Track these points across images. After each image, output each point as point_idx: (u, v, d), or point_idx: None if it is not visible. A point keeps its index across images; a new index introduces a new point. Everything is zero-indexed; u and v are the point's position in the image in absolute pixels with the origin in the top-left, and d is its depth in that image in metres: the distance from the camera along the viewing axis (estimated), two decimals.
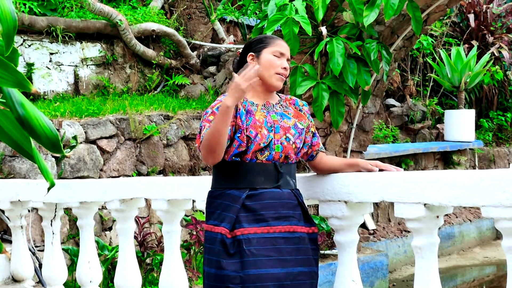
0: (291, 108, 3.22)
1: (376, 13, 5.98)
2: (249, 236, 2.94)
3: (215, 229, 3.00)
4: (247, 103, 3.08)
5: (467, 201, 2.66)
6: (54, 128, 2.14)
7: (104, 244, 6.12)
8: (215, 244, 2.97)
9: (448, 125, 11.81)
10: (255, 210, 2.97)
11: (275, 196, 3.02)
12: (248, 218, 2.96)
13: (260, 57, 3.13)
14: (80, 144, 6.74)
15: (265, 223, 2.97)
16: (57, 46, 8.60)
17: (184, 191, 3.94)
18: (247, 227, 2.95)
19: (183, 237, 6.89)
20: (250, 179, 3.00)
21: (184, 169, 7.73)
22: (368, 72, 6.48)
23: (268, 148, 3.02)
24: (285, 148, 3.06)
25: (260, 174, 3.01)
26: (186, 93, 9.36)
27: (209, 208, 3.10)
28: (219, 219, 2.99)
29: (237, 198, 2.98)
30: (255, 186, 3.00)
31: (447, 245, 10.52)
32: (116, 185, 4.36)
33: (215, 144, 2.88)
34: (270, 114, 3.10)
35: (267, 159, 3.02)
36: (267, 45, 3.15)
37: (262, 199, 2.99)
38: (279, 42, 3.18)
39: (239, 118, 3.01)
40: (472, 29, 13.30)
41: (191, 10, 10.59)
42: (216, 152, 2.91)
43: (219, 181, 3.09)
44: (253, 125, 3.01)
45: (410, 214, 2.88)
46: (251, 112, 3.06)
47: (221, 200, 3.03)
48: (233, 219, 2.95)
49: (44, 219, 4.84)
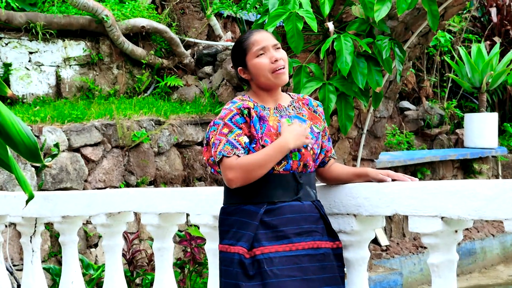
0: (305, 109, 3.20)
1: (389, 7, 5.99)
2: (269, 255, 2.90)
3: (231, 249, 2.96)
4: (259, 108, 3.06)
5: (488, 214, 2.66)
6: (32, 135, 2.14)
7: (89, 263, 6.12)
8: (232, 265, 2.93)
9: (469, 130, 11.82)
10: (275, 226, 2.94)
11: (296, 210, 2.99)
12: (268, 235, 2.93)
13: (248, 68, 3.11)
14: (63, 153, 6.74)
15: (287, 240, 2.94)
16: (37, 44, 8.62)
17: (177, 203, 3.94)
18: (267, 246, 2.91)
19: (176, 254, 6.89)
20: (267, 193, 2.98)
21: (177, 180, 7.74)
22: (380, 72, 6.49)
23: (285, 157, 2.99)
24: (303, 155, 3.03)
25: (278, 187, 2.99)
26: (179, 96, 9.37)
27: (223, 227, 3.06)
28: (235, 238, 2.96)
29: (254, 214, 2.95)
30: (274, 199, 2.97)
31: (468, 262, 10.51)
32: (102, 198, 4.36)
33: (258, 175, 2.91)
34: (284, 119, 3.08)
35: (285, 169, 2.99)
36: (246, 51, 3.12)
37: (282, 214, 2.96)
38: (253, 39, 3.13)
39: (253, 126, 2.98)
40: (494, 24, 13.32)
41: (184, 4, 10.62)
42: (252, 181, 2.93)
43: (233, 196, 3.05)
44: (268, 133, 2.99)
45: (426, 228, 2.88)
46: (264, 118, 3.03)
47: (236, 217, 2.99)
48: (251, 237, 2.92)
49: (23, 235, 4.84)
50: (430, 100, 12.55)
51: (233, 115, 2.98)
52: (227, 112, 3.02)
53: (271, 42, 3.12)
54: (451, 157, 11.08)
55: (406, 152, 10.88)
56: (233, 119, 2.97)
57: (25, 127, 2.14)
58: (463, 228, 2.95)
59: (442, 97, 12.86)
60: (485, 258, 10.97)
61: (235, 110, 3.00)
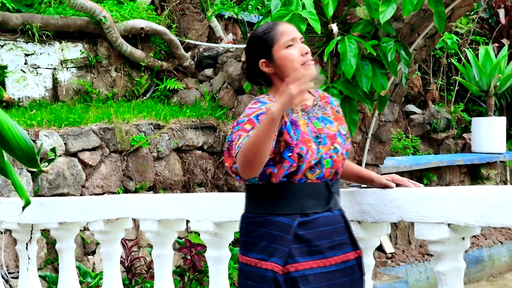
0: (329, 108, 3.06)
1: (394, 8, 5.99)
2: (304, 272, 2.80)
3: (262, 265, 2.84)
4: (288, 110, 2.87)
5: (497, 220, 2.66)
6: (29, 139, 2.15)
7: (86, 270, 6.12)
8: (264, 282, 2.82)
9: (476, 135, 11.81)
10: (310, 241, 2.84)
11: (328, 222, 2.91)
12: (301, 250, 2.83)
13: (275, 59, 2.94)
14: (59, 157, 6.75)
15: (320, 255, 2.86)
16: (33, 46, 8.63)
17: (177, 210, 3.94)
18: (302, 262, 2.81)
19: (176, 262, 6.89)
20: (300, 203, 2.86)
21: (177, 185, 7.74)
22: (385, 75, 6.49)
23: (319, 165, 2.87)
24: (335, 162, 2.93)
25: (311, 197, 2.88)
26: (179, 99, 9.37)
27: (249, 238, 2.94)
28: (267, 253, 2.84)
29: (287, 226, 2.83)
30: (306, 211, 2.86)
31: (475, 270, 10.50)
32: (100, 204, 4.36)
33: (253, 158, 2.66)
34: (312, 121, 2.94)
35: (318, 177, 2.88)
36: (273, 41, 2.95)
37: (315, 227, 2.86)
38: (282, 29, 2.98)
39: (287, 133, 2.83)
40: (503, 26, 13.33)
41: (184, 5, 10.63)
42: (254, 165, 2.68)
43: (260, 205, 2.93)
44: (302, 139, 2.84)
45: (432, 235, 2.88)
46: (296, 123, 2.87)
47: (266, 229, 2.87)
48: (285, 252, 2.80)
49: (19, 242, 4.84)
50: (436, 104, 12.54)
51: (261, 113, 2.78)
52: (255, 109, 2.83)
53: (299, 34, 2.99)
54: (458, 162, 11.07)
55: (412, 157, 10.88)
56: (259, 117, 2.77)
57: (22, 131, 2.14)
58: (470, 235, 2.95)
59: (449, 101, 12.86)
60: (493, 266, 10.95)
61: (265, 109, 2.79)
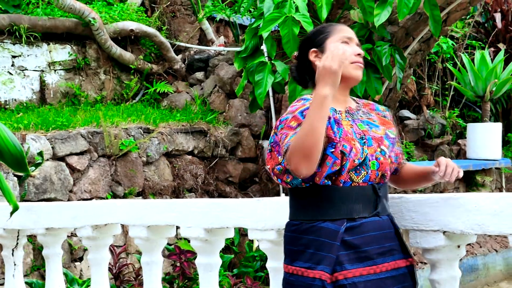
0: (374, 114, 3.05)
1: (389, 11, 6.01)
2: (353, 280, 2.76)
3: (309, 273, 2.79)
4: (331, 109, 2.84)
5: (492, 228, 2.68)
6: (18, 143, 2.15)
7: (73, 277, 6.11)
8: None
9: (471, 141, 11.82)
10: (358, 247, 2.79)
11: (376, 227, 2.85)
12: (350, 257, 2.78)
13: (326, 50, 2.89)
14: (47, 161, 6.74)
15: (371, 261, 2.80)
16: (20, 48, 8.62)
17: (167, 216, 3.94)
18: (351, 269, 2.77)
19: (165, 269, 6.89)
20: (347, 208, 2.81)
21: (167, 191, 7.73)
22: (379, 80, 6.51)
23: (365, 167, 2.83)
24: (382, 164, 2.88)
25: (358, 201, 2.82)
26: (169, 103, 9.38)
27: (295, 246, 2.89)
28: (314, 261, 2.79)
29: (334, 232, 2.78)
30: (353, 215, 2.81)
31: (470, 279, 10.52)
32: (88, 209, 4.36)
33: (311, 146, 2.63)
34: (356, 123, 2.91)
35: (364, 180, 2.84)
36: (329, 34, 2.98)
37: (363, 232, 2.81)
38: (341, 27, 3.03)
39: (331, 128, 2.78)
40: (499, 30, 13.36)
41: (175, 7, 10.64)
42: (312, 157, 2.65)
43: (305, 211, 2.88)
44: (345, 138, 2.80)
45: (427, 243, 2.89)
46: (339, 121, 2.84)
47: (313, 236, 2.82)
48: (333, 260, 2.76)
49: (5, 248, 4.83)
50: (431, 109, 12.56)
51: (305, 109, 2.77)
52: (299, 106, 2.84)
53: (357, 38, 3.01)
54: None
55: None
56: (304, 113, 2.76)
57: (11, 134, 2.15)
58: (466, 243, 2.96)
59: (444, 106, 12.88)
60: (487, 275, 10.97)
61: (308, 105, 2.76)
